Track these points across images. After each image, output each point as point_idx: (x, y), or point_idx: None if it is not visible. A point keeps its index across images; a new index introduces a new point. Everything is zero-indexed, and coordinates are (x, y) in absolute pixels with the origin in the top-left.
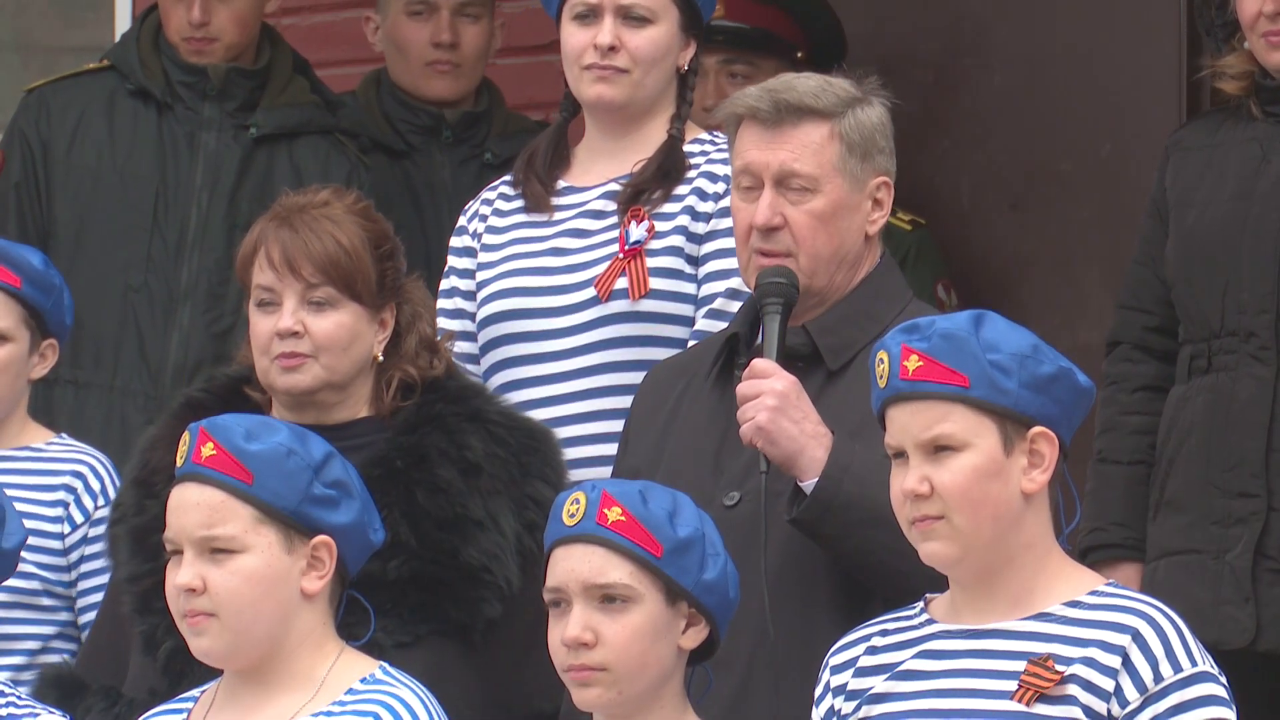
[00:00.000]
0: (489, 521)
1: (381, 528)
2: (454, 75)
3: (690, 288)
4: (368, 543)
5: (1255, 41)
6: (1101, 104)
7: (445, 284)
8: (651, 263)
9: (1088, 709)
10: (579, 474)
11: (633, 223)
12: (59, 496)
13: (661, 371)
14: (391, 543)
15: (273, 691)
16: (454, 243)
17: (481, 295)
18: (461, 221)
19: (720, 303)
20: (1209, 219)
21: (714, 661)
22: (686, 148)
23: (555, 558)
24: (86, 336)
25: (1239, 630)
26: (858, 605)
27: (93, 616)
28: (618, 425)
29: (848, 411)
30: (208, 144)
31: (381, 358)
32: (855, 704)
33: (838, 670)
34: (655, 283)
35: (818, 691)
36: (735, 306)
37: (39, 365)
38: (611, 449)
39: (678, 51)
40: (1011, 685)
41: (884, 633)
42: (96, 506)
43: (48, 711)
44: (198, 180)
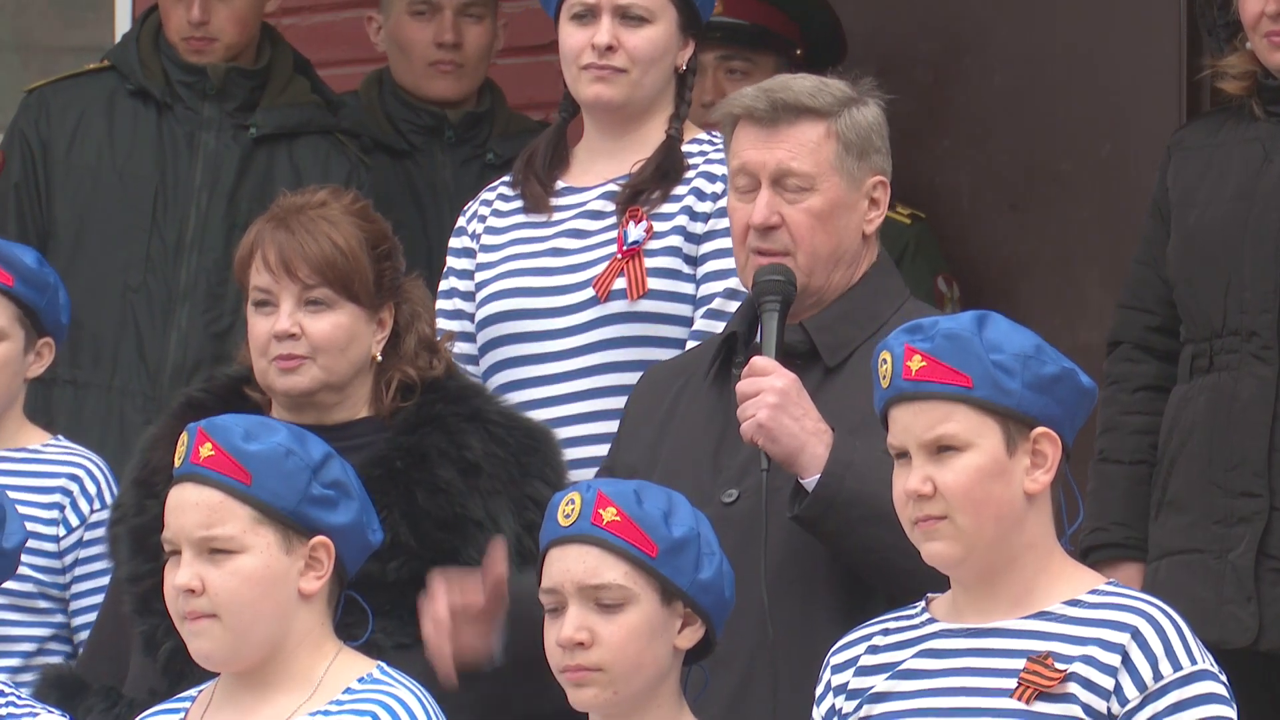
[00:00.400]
0: (489, 522)
1: (380, 528)
2: (457, 75)
3: (689, 288)
4: (366, 543)
5: (1257, 42)
6: (1101, 104)
7: (444, 284)
8: (650, 263)
9: (1088, 707)
10: (579, 474)
11: (631, 223)
12: (55, 499)
13: (659, 372)
14: (391, 543)
15: (270, 691)
16: (453, 243)
17: (480, 296)
18: (460, 222)
19: (719, 303)
20: (1210, 219)
21: (713, 660)
22: (685, 148)
23: (550, 558)
24: (85, 336)
25: (1241, 630)
26: (857, 603)
27: (87, 620)
28: (616, 426)
29: (846, 409)
30: (207, 144)
31: (380, 358)
32: (856, 703)
33: (839, 669)
34: (653, 283)
35: (819, 690)
36: (734, 306)
37: (35, 364)
38: None
39: (676, 51)
40: (1012, 684)
41: (885, 632)
42: (92, 510)
43: (48, 711)
44: (197, 180)
